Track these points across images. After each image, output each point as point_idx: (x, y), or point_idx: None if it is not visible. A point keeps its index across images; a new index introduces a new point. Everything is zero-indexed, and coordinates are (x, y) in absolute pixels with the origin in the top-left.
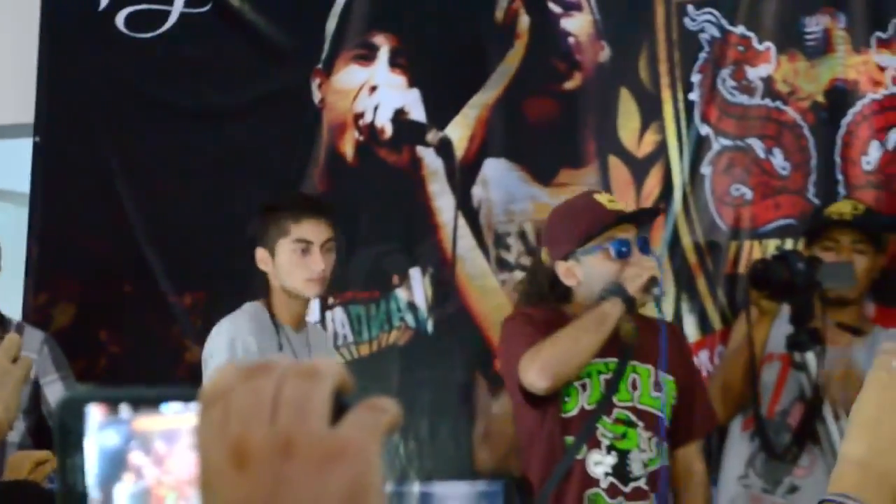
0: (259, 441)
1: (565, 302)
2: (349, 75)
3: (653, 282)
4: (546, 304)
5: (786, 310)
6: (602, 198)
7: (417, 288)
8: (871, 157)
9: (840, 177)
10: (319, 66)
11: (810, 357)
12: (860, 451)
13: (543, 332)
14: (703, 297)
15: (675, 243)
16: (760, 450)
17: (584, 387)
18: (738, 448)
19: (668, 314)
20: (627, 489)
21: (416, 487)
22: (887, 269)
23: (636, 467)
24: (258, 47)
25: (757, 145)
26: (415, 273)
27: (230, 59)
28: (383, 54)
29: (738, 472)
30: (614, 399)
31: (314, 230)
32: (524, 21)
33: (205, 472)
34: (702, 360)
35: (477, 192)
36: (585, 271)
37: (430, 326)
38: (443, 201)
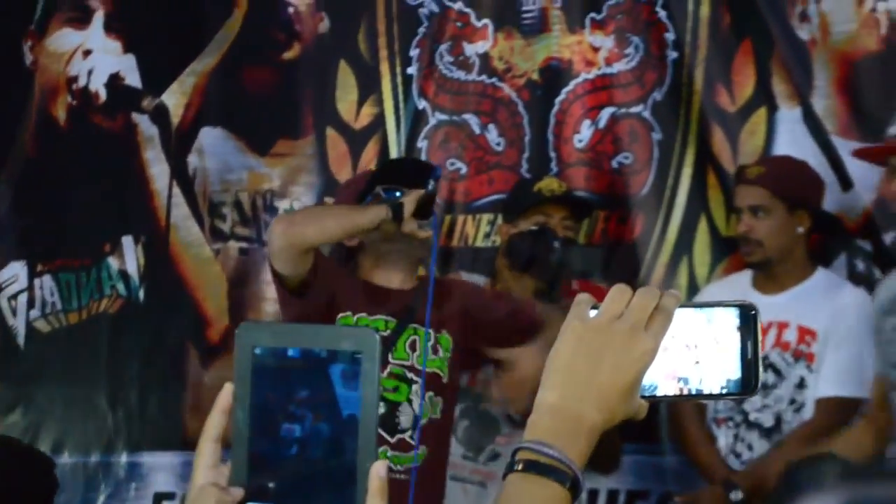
0: None
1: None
2: (62, 38)
3: (424, 206)
4: None
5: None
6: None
7: (129, 256)
8: (583, 135)
9: (553, 154)
10: (32, 27)
11: None
12: (554, 397)
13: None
14: None
15: None
16: (462, 417)
17: None
18: None
19: None
20: (393, 440)
21: (123, 458)
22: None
23: (404, 420)
24: None
25: (473, 121)
26: (127, 241)
27: None
28: (98, 18)
29: None
30: (389, 357)
31: None
32: None
33: None
34: None
35: (192, 160)
36: None
37: (141, 295)
38: (157, 169)
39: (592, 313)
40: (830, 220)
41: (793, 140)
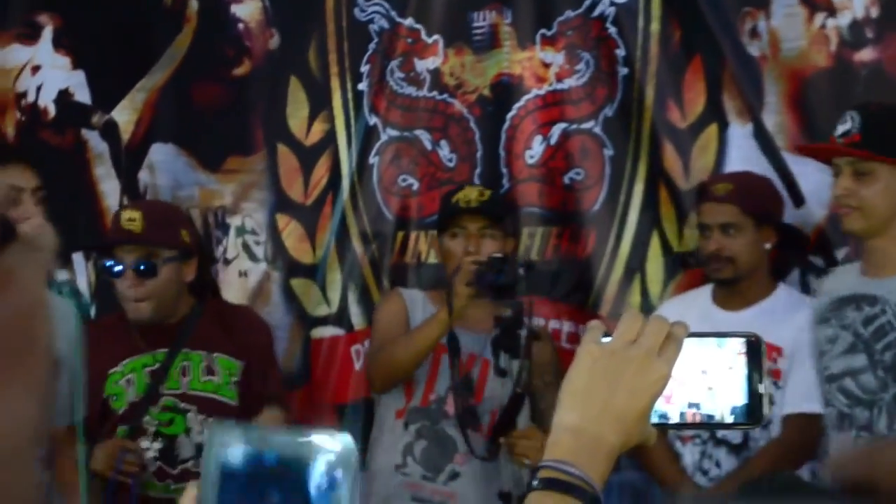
0: None
1: None
2: (11, 54)
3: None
4: None
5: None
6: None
7: (80, 273)
8: (535, 151)
9: (504, 170)
10: None
11: (517, 363)
12: (573, 418)
13: None
14: (369, 287)
15: (342, 232)
16: (419, 438)
17: (129, 382)
18: (392, 436)
19: (335, 303)
20: (175, 471)
21: None
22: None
23: (185, 450)
24: None
25: (424, 137)
26: (78, 258)
27: None
28: (47, 34)
29: (396, 461)
30: (162, 388)
31: (23, 176)
32: (193, 5)
33: None
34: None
35: (143, 176)
36: None
37: (93, 312)
38: (108, 185)
39: (604, 340)
40: (794, 233)
41: (744, 156)
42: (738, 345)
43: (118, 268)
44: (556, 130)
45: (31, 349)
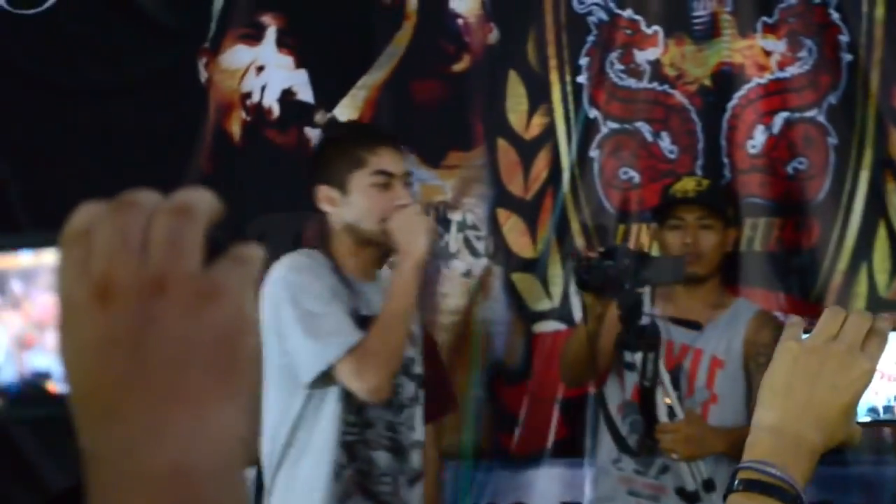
0: (126, 277)
1: None
2: (236, 55)
3: None
4: None
5: None
6: None
7: None
8: (757, 140)
9: (726, 160)
10: (206, 44)
11: (639, 357)
12: (773, 417)
13: None
14: None
15: (563, 226)
16: (632, 432)
17: None
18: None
19: (557, 297)
20: None
21: None
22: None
23: None
24: (143, 25)
25: (645, 129)
26: None
27: (114, 36)
28: (271, 34)
29: (613, 456)
30: None
31: (394, 161)
32: (412, 2)
33: (65, 312)
34: None
35: None
36: None
37: None
38: None
39: (805, 337)
40: None
41: None
42: None
43: None
44: (779, 119)
45: (237, 365)
